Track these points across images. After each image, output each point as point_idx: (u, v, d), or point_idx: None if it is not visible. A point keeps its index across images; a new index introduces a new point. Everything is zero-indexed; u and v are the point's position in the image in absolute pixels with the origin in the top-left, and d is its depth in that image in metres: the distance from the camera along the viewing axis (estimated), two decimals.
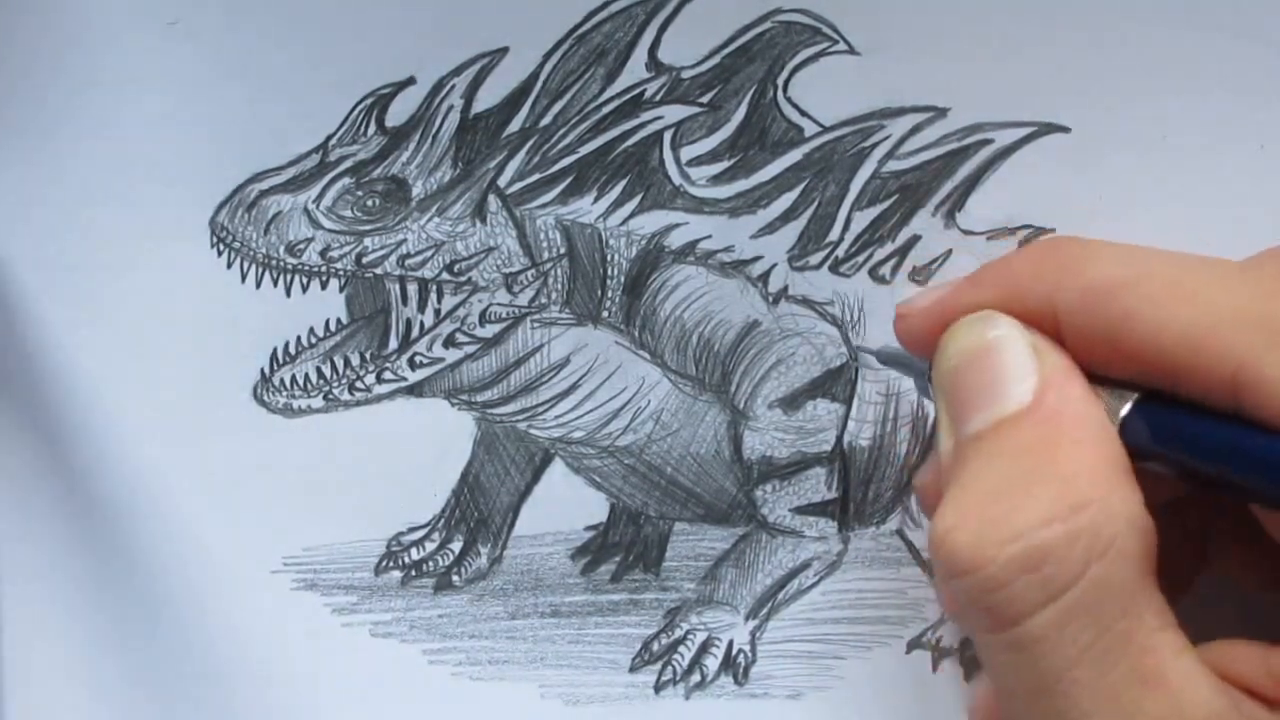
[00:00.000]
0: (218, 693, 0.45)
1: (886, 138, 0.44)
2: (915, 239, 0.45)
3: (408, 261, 0.44)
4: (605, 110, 0.44)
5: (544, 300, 0.45)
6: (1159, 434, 0.35)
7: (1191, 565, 0.41)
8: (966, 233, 0.45)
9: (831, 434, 0.45)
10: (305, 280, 0.44)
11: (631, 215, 0.45)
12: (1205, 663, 0.33)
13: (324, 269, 0.44)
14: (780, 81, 0.44)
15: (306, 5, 0.43)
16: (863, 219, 0.45)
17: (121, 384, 0.44)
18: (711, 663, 0.46)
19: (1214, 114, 0.44)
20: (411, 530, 0.46)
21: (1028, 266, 0.37)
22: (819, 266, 0.45)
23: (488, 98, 0.44)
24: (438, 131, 0.44)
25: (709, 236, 0.45)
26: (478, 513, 0.46)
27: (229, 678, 0.45)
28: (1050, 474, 0.33)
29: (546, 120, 0.44)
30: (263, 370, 0.45)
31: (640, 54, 0.44)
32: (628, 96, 0.44)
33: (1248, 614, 0.39)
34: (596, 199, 0.44)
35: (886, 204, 0.45)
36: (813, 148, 0.44)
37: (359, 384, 0.45)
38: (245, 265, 0.44)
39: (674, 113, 0.44)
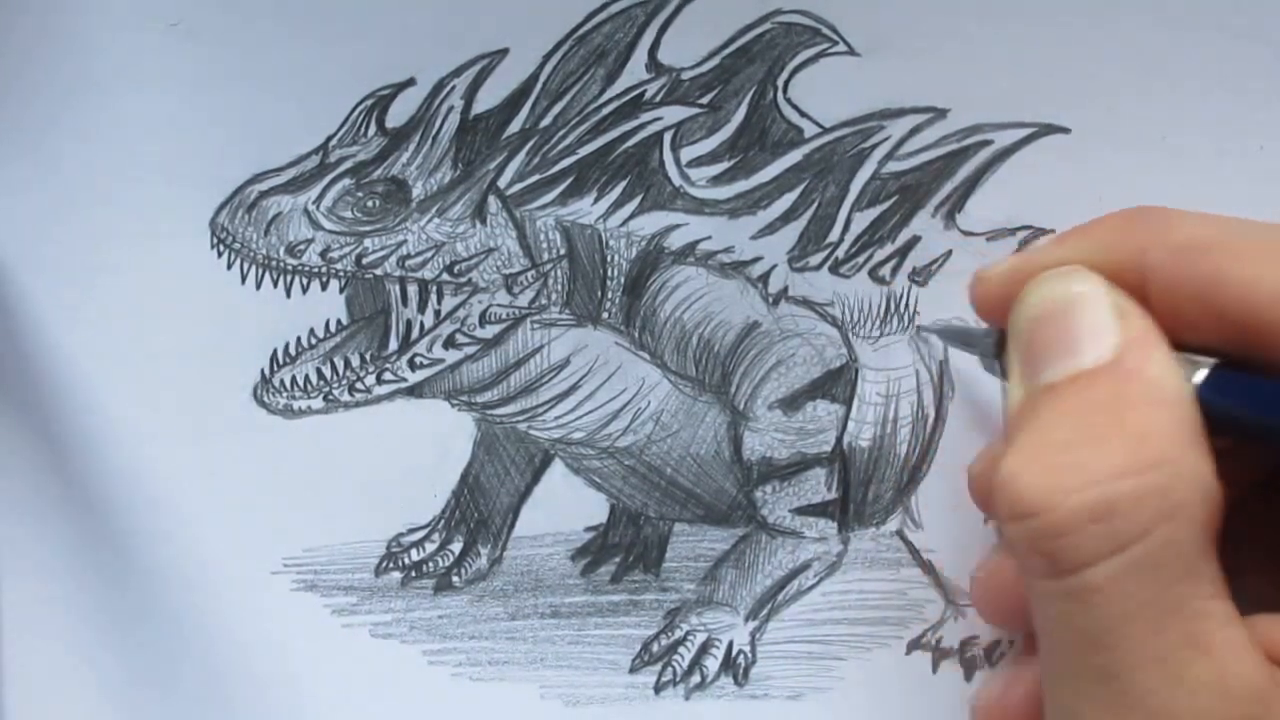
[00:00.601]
0: (218, 693, 0.45)
1: (886, 139, 0.44)
2: (915, 240, 0.45)
3: (408, 262, 0.44)
4: (605, 111, 0.44)
5: (544, 301, 0.45)
6: (1237, 400, 0.35)
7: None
8: (966, 233, 0.45)
9: (831, 435, 0.45)
10: (305, 281, 0.44)
11: (631, 216, 0.45)
12: (1251, 636, 0.33)
13: (324, 270, 0.44)
14: (780, 82, 0.44)
15: (307, 7, 0.43)
16: (863, 220, 0.45)
17: (122, 385, 0.44)
18: (711, 663, 0.46)
19: (1213, 114, 0.44)
20: (411, 531, 0.46)
21: (1116, 227, 0.38)
22: (819, 267, 0.45)
23: (488, 99, 0.44)
24: (438, 132, 0.44)
25: (709, 237, 0.45)
26: (478, 513, 0.46)
27: (229, 679, 0.45)
28: (1126, 430, 0.33)
29: (546, 121, 0.44)
30: (263, 371, 0.45)
31: (640, 55, 0.44)
32: (628, 97, 0.44)
33: None
34: (596, 200, 0.44)
35: (886, 205, 0.45)
36: (813, 148, 0.44)
37: (359, 385, 0.45)
38: (245, 266, 0.44)
39: (674, 114, 0.44)
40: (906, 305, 0.45)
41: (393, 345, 0.45)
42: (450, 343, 0.45)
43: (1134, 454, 0.33)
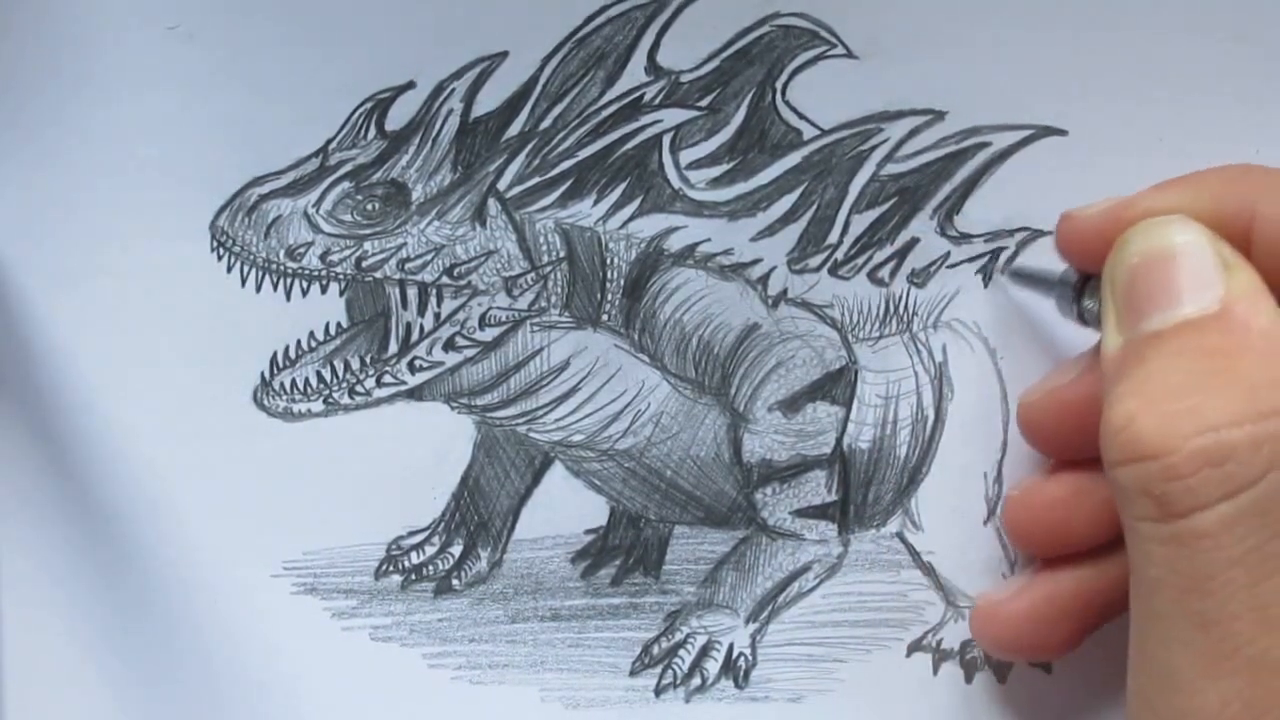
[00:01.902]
0: (217, 697, 0.45)
1: (885, 141, 0.44)
2: (914, 241, 0.45)
3: (407, 265, 0.44)
4: (605, 114, 0.44)
5: (544, 304, 0.45)
6: None
7: None
8: (965, 235, 0.45)
9: (831, 436, 0.45)
10: (305, 284, 0.44)
11: (631, 218, 0.45)
12: None
13: (324, 273, 0.44)
14: (779, 85, 0.44)
15: (306, 9, 0.43)
16: (861, 222, 0.45)
17: (121, 388, 0.44)
18: (712, 666, 0.46)
19: (1210, 117, 0.44)
20: (411, 534, 0.46)
21: (1222, 179, 0.38)
22: (818, 269, 0.45)
23: (487, 101, 0.44)
24: (437, 135, 0.44)
25: (708, 239, 0.45)
26: (478, 516, 0.46)
27: (228, 682, 0.45)
28: (1238, 378, 0.34)
29: (546, 124, 0.44)
30: (262, 374, 0.45)
31: (639, 57, 0.44)
32: (627, 100, 0.44)
33: None
34: (596, 202, 0.45)
35: (885, 207, 0.45)
36: (811, 151, 0.44)
37: (359, 388, 0.45)
38: (245, 269, 0.44)
39: (673, 116, 0.44)
40: (905, 307, 0.45)
41: (392, 348, 0.45)
42: (450, 345, 0.45)
43: (1249, 401, 0.33)
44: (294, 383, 0.45)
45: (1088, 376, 0.40)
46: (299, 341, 0.45)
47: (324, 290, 0.45)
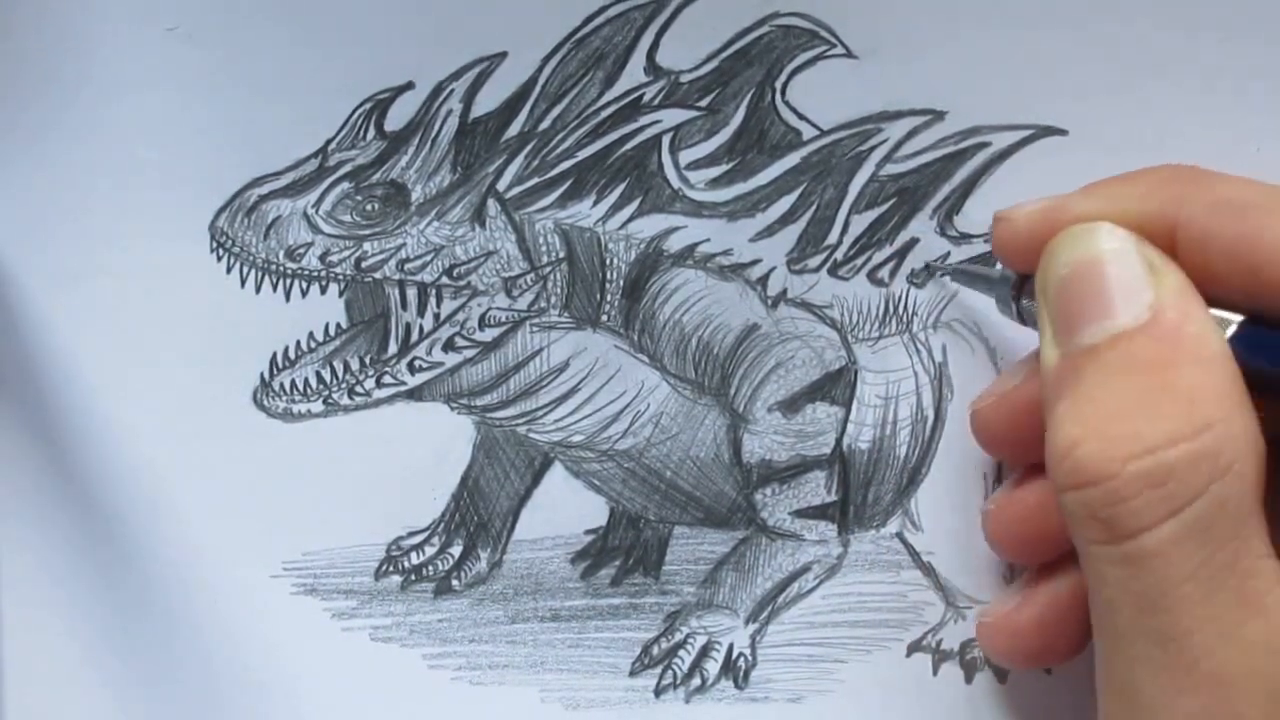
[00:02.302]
0: (217, 698, 0.45)
1: (884, 141, 0.44)
2: (914, 242, 0.45)
3: (407, 266, 0.44)
4: (604, 114, 0.44)
5: (543, 304, 0.45)
6: (1269, 356, 0.35)
7: None
8: (964, 235, 0.45)
9: (831, 437, 0.45)
10: (305, 285, 0.44)
11: (630, 219, 0.45)
12: None
13: (323, 273, 0.44)
14: (778, 85, 0.44)
15: (305, 10, 0.43)
16: (861, 222, 0.45)
17: (121, 389, 0.44)
18: (712, 666, 0.46)
19: (1210, 116, 0.44)
20: (411, 534, 0.46)
21: (1148, 181, 0.38)
22: (818, 270, 0.45)
23: (487, 102, 0.44)
24: (437, 136, 0.44)
25: (708, 240, 0.45)
26: (477, 517, 0.46)
27: (228, 683, 0.45)
28: (1174, 392, 0.34)
29: (545, 124, 0.44)
30: (262, 375, 0.45)
31: (639, 58, 0.44)
32: (626, 100, 0.44)
33: None
34: (595, 203, 0.45)
35: (885, 207, 0.45)
36: (811, 151, 0.44)
37: (359, 388, 0.45)
38: (245, 270, 0.44)
39: (672, 116, 0.44)
40: (905, 307, 0.45)
41: (392, 349, 0.45)
42: (450, 346, 0.45)
43: (1186, 417, 0.33)
44: (294, 383, 0.45)
45: (1033, 380, 0.40)
46: (299, 342, 0.45)
47: (323, 291, 0.45)
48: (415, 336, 0.45)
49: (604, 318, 0.45)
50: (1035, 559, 0.42)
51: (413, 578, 0.46)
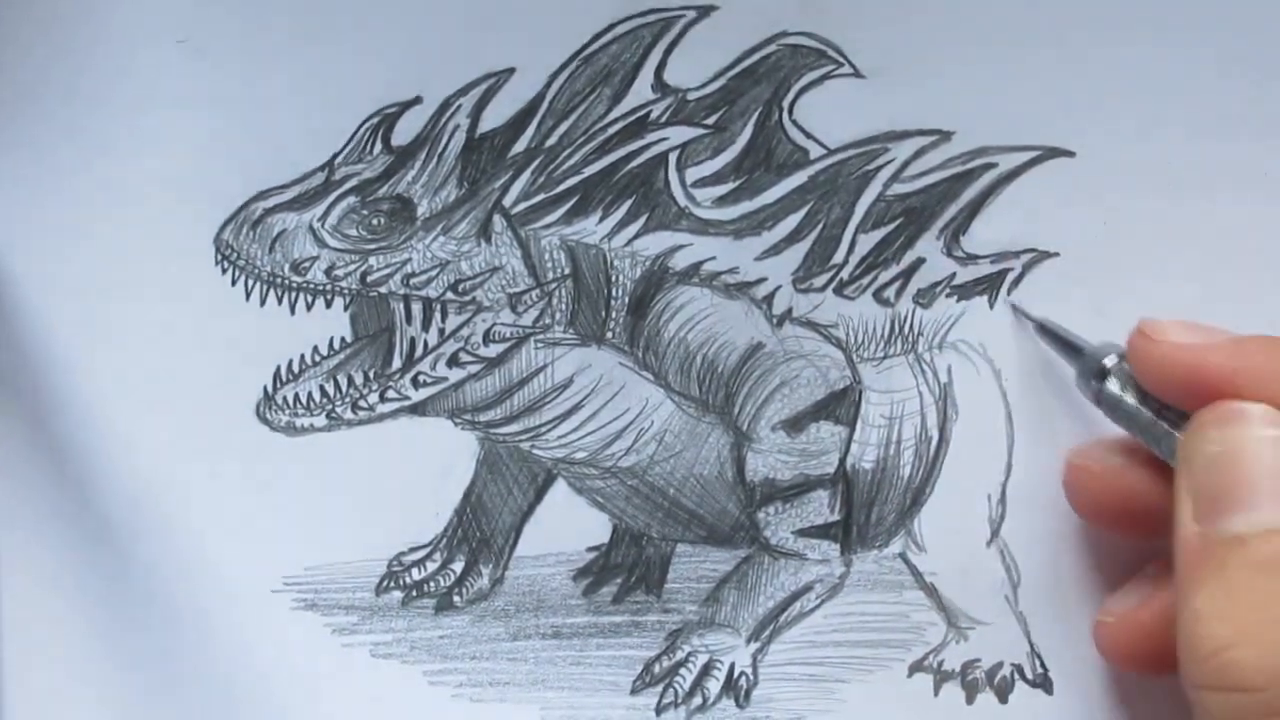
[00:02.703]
0: (217, 712, 0.45)
1: (891, 160, 0.44)
2: (920, 262, 0.45)
3: (412, 280, 0.44)
4: (611, 131, 0.44)
5: (548, 320, 0.45)
6: None
7: None
8: (971, 256, 0.45)
9: (834, 456, 0.45)
10: (309, 298, 0.44)
11: (636, 236, 0.45)
12: None
13: (328, 287, 0.44)
14: (786, 104, 0.44)
15: (313, 24, 0.43)
16: (867, 241, 0.45)
17: (125, 401, 0.44)
18: (713, 685, 0.45)
19: (1219, 139, 0.44)
20: (413, 550, 0.45)
21: None
22: (823, 289, 0.45)
23: (494, 117, 0.44)
24: (443, 151, 0.44)
25: (714, 258, 0.45)
26: (480, 533, 0.46)
27: (228, 697, 0.45)
28: None
29: (552, 140, 0.44)
30: (266, 388, 0.45)
31: (646, 75, 0.44)
32: (634, 118, 0.44)
33: None
34: (601, 219, 0.44)
35: (891, 227, 0.45)
36: (818, 170, 0.44)
37: (362, 403, 0.45)
38: (250, 283, 0.44)
39: (679, 134, 0.44)
40: (911, 327, 0.45)
41: (396, 363, 0.45)
42: (454, 361, 0.45)
43: None
44: (297, 397, 0.45)
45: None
46: (303, 356, 0.45)
47: (328, 305, 0.45)
48: (419, 351, 0.45)
49: (608, 334, 0.45)
50: (1151, 672, 0.41)
51: (414, 593, 0.45)
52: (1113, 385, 0.41)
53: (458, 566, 0.46)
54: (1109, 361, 0.41)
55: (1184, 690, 0.35)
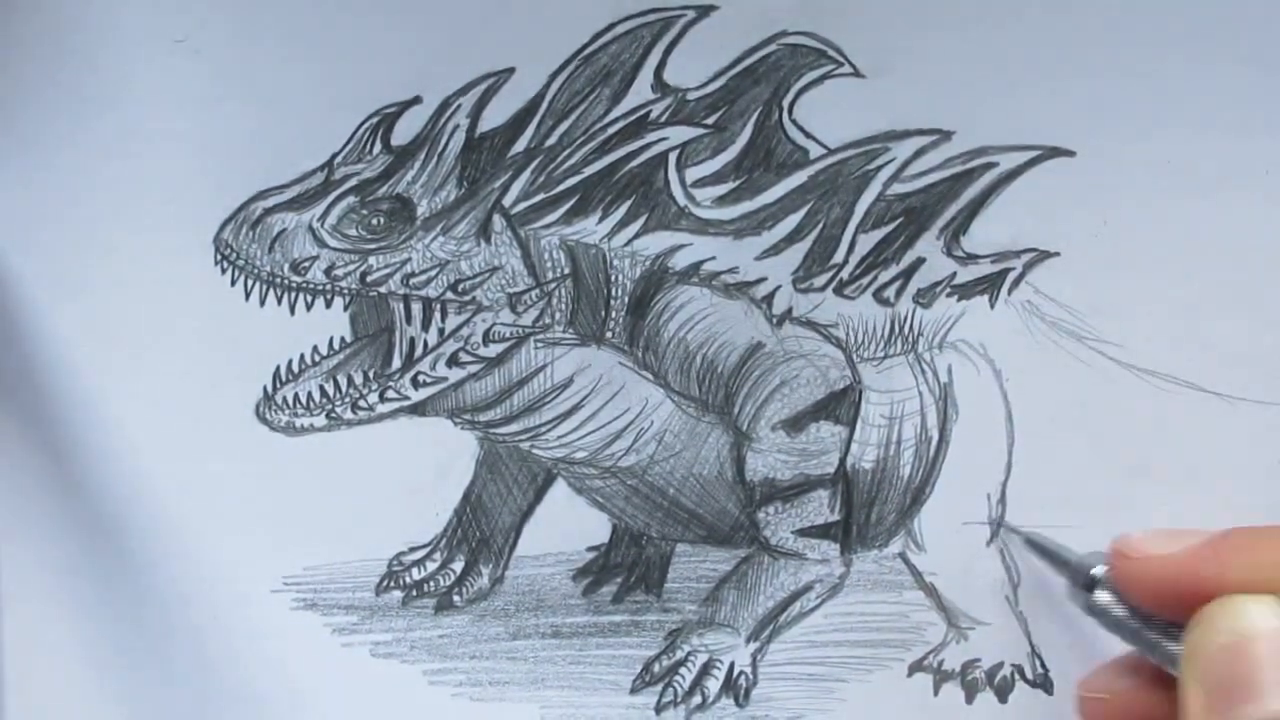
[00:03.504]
0: (216, 712, 0.45)
1: (891, 160, 0.44)
2: (920, 261, 0.45)
3: (412, 280, 0.44)
4: (611, 131, 0.44)
5: (548, 320, 0.45)
6: None
7: None
8: (971, 255, 0.45)
9: (834, 456, 0.45)
10: (309, 298, 0.44)
11: (636, 236, 0.45)
12: None
13: (328, 287, 0.44)
14: (785, 103, 0.44)
15: (313, 24, 0.43)
16: (867, 241, 0.45)
17: (124, 400, 0.44)
18: (713, 684, 0.45)
19: (1219, 139, 0.44)
20: (413, 550, 0.45)
21: None
22: (823, 289, 0.45)
23: (494, 117, 0.44)
24: (443, 150, 0.44)
25: (713, 258, 0.45)
26: (479, 532, 0.46)
27: (228, 696, 0.45)
28: None
29: (552, 140, 0.44)
30: (265, 388, 0.45)
31: (646, 75, 0.44)
32: (633, 117, 0.44)
33: None
34: (601, 219, 0.44)
35: (891, 226, 0.45)
36: (818, 170, 0.44)
37: (362, 402, 0.45)
38: (249, 283, 0.44)
39: (679, 134, 0.44)
40: (911, 327, 0.45)
41: (396, 363, 0.45)
42: (454, 361, 0.45)
43: None
44: (297, 397, 0.45)
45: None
46: (302, 356, 0.45)
47: (328, 305, 0.45)
48: (419, 351, 0.45)
49: (608, 334, 0.45)
50: None
51: (414, 593, 0.46)
52: (1102, 596, 0.40)
53: (457, 566, 0.46)
54: (1097, 572, 0.40)
55: None
